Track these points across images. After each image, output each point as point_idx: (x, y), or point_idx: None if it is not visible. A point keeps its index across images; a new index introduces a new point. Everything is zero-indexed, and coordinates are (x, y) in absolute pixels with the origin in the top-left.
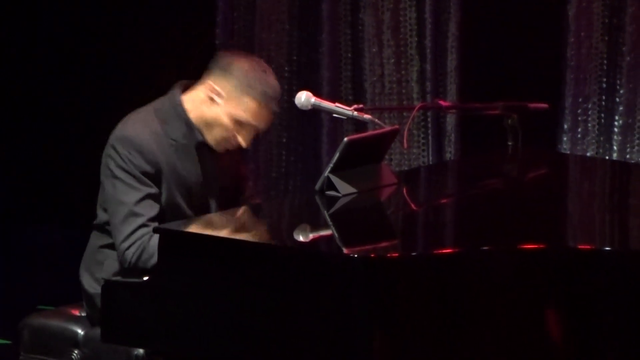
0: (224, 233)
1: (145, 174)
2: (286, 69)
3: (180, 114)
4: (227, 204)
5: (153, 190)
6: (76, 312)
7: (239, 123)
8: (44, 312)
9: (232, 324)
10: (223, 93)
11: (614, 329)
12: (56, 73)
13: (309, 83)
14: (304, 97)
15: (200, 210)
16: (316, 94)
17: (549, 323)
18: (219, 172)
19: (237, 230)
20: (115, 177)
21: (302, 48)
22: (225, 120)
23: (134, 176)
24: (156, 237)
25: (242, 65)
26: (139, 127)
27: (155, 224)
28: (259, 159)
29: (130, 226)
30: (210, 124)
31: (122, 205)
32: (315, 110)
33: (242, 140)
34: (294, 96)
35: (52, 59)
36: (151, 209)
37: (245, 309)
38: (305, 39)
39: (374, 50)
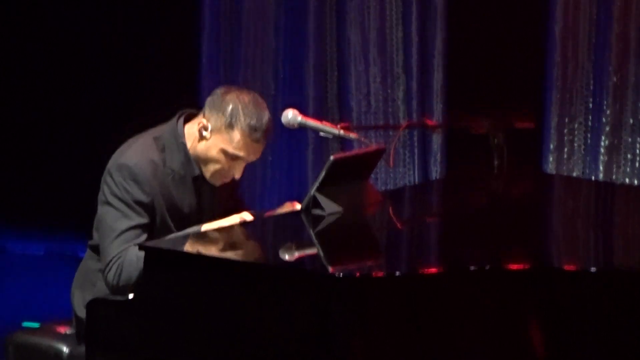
0: (209, 251)
1: (139, 203)
2: (272, 86)
3: (180, 145)
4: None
5: (144, 220)
6: (62, 330)
7: (228, 156)
8: (29, 329)
9: (215, 341)
10: (210, 126)
11: (599, 348)
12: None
13: (295, 101)
14: (290, 115)
15: None
16: (302, 112)
17: (533, 342)
18: (216, 203)
19: (222, 247)
20: (109, 203)
21: (288, 65)
22: (215, 153)
23: (127, 204)
24: (130, 252)
25: (231, 99)
26: (137, 155)
27: (132, 247)
28: (244, 177)
29: (114, 252)
30: (203, 158)
31: (111, 231)
32: (302, 128)
33: (234, 172)
34: (280, 114)
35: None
36: (138, 237)
37: (229, 326)
38: (291, 57)
39: (360, 68)
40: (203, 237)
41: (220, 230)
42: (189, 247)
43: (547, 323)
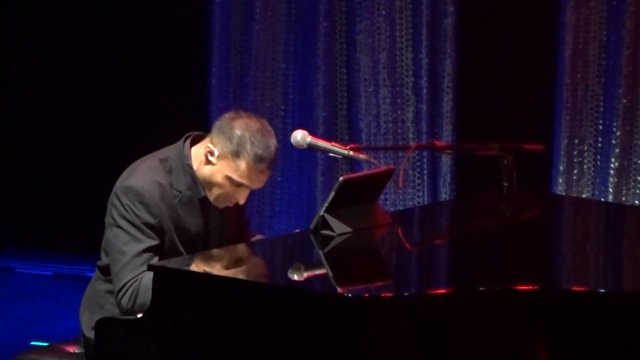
0: (218, 271)
1: (147, 225)
2: (282, 107)
3: (186, 167)
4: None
5: (154, 242)
6: (70, 349)
7: (233, 182)
8: (38, 348)
9: None
10: (217, 153)
11: None
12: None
13: (305, 122)
14: (299, 136)
15: None
16: (312, 133)
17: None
18: (224, 225)
19: (232, 268)
20: (118, 226)
21: (297, 87)
22: (220, 179)
23: (136, 227)
24: (146, 277)
25: (239, 126)
26: (144, 178)
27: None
28: (253, 197)
29: (128, 276)
30: (208, 182)
31: (122, 254)
32: (311, 149)
33: (238, 198)
34: (289, 135)
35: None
36: (150, 260)
37: (238, 346)
38: (300, 78)
39: (370, 90)
40: (211, 256)
41: (228, 250)
42: (197, 267)
43: (556, 345)
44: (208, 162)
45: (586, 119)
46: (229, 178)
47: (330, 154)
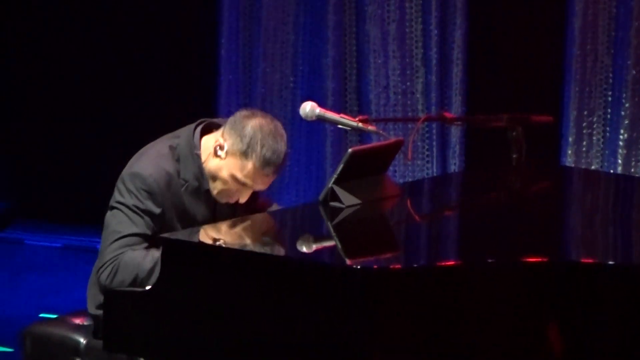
0: (226, 243)
1: (149, 214)
2: (291, 79)
3: (195, 157)
4: None
5: (149, 231)
6: (78, 321)
7: (237, 181)
8: (46, 320)
9: (233, 334)
10: (226, 148)
11: (617, 342)
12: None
13: (314, 93)
14: (308, 108)
15: None
16: (321, 104)
17: (550, 336)
18: (231, 214)
19: (240, 240)
20: (118, 209)
21: (307, 58)
22: (225, 175)
23: (135, 212)
24: (127, 255)
25: (252, 126)
26: (152, 165)
27: (131, 249)
28: None
29: (112, 253)
30: (212, 175)
31: (114, 233)
32: (320, 121)
33: (239, 196)
34: (298, 107)
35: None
36: (139, 245)
37: (247, 318)
38: (310, 50)
39: (379, 61)
40: (220, 228)
41: (237, 222)
42: (206, 239)
43: (565, 317)
44: (216, 155)
45: (595, 91)
46: (233, 176)
47: (339, 126)
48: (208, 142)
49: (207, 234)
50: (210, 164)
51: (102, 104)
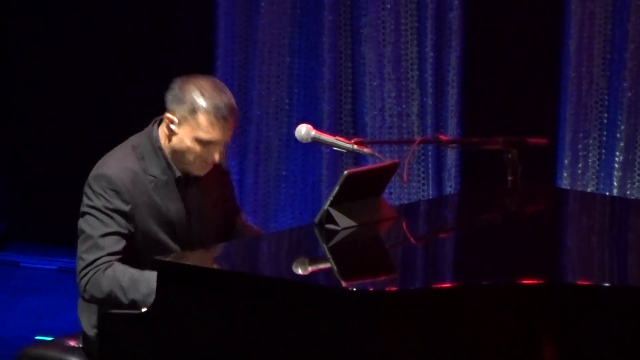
0: (222, 265)
1: (118, 212)
2: (287, 101)
3: (157, 150)
4: (217, 237)
5: (122, 229)
6: (74, 344)
7: (201, 142)
8: (42, 343)
9: (229, 356)
10: (176, 119)
11: None
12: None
13: (310, 116)
14: (304, 130)
15: (187, 244)
16: (316, 126)
17: (546, 357)
18: (204, 205)
19: (236, 262)
20: (89, 213)
21: (302, 81)
22: (189, 142)
23: (106, 214)
24: (111, 269)
25: (190, 87)
26: (116, 165)
27: (116, 259)
28: (259, 192)
29: (91, 257)
30: (178, 152)
31: (88, 238)
32: (315, 143)
33: (214, 157)
34: (294, 129)
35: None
36: (116, 244)
37: (242, 340)
38: (305, 72)
39: (374, 83)
40: (216, 250)
41: (233, 244)
42: (201, 261)
43: (561, 338)
44: (171, 132)
45: (591, 113)
46: (195, 139)
47: (335, 148)
48: (162, 129)
49: (202, 256)
50: (172, 143)
51: (97, 129)
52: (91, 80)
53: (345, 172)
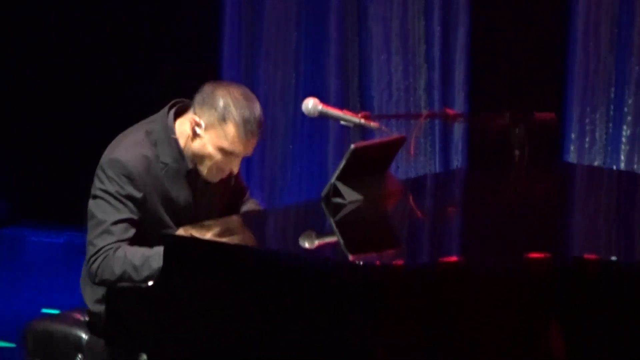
0: (228, 239)
1: (131, 198)
2: (293, 77)
3: (171, 140)
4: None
5: (134, 215)
6: (80, 317)
7: (224, 152)
8: (48, 316)
9: (235, 330)
10: (203, 124)
11: (618, 339)
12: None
13: (317, 91)
14: (311, 104)
15: None
16: (323, 101)
17: (552, 332)
18: (211, 196)
19: (242, 236)
20: (100, 197)
21: (309, 57)
22: (211, 150)
23: (118, 199)
24: (120, 250)
25: (221, 94)
26: (130, 151)
27: (125, 244)
28: (265, 166)
29: (102, 242)
30: (199, 156)
31: (100, 223)
32: (323, 118)
33: (231, 168)
34: (300, 104)
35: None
36: (126, 231)
37: (249, 314)
38: (313, 48)
39: (382, 58)
40: (222, 225)
41: (239, 218)
42: (208, 235)
43: (567, 313)
44: (196, 135)
45: (598, 88)
46: (219, 147)
47: (342, 122)
48: (183, 126)
49: (208, 230)
50: (194, 146)
51: (103, 102)
52: (93, 62)
53: (352, 146)
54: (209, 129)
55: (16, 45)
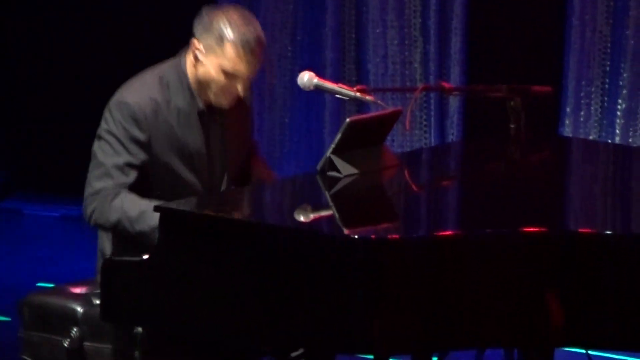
0: (225, 212)
1: (135, 141)
2: (289, 49)
3: (183, 80)
4: (238, 171)
5: (136, 160)
6: (76, 290)
7: (227, 74)
8: (44, 289)
9: (230, 303)
10: (203, 49)
11: (614, 311)
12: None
13: (313, 63)
14: (306, 78)
15: (206, 177)
16: (319, 74)
17: (549, 305)
18: (225, 140)
19: (238, 209)
20: (104, 139)
21: (306, 29)
22: (214, 73)
23: (122, 143)
24: (119, 198)
25: (220, 17)
26: (139, 93)
27: (125, 191)
28: (262, 139)
29: (100, 184)
30: (203, 82)
31: (100, 165)
32: (318, 91)
33: (238, 89)
34: (297, 77)
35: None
36: (126, 176)
37: (245, 288)
38: (309, 20)
39: (377, 31)
40: (218, 198)
41: (235, 191)
42: (204, 209)
43: (564, 287)
44: (198, 60)
45: (594, 61)
46: (221, 69)
47: (338, 96)
48: (188, 60)
49: (204, 203)
50: (198, 72)
51: (100, 74)
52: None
53: (348, 120)
54: (209, 53)
55: (12, 28)
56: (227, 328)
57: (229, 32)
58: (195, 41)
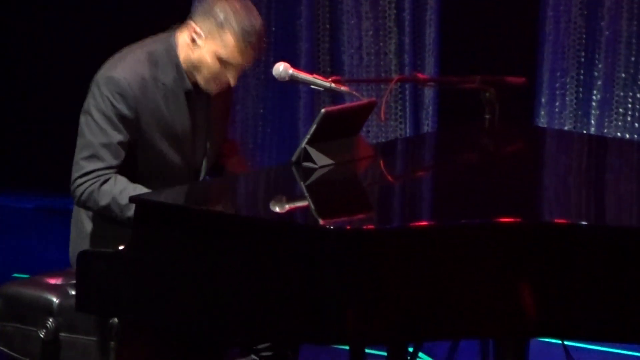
0: (199, 204)
1: (123, 118)
2: (264, 40)
3: (173, 58)
4: (214, 156)
5: (124, 137)
6: (52, 281)
7: (222, 61)
8: (19, 280)
9: (206, 295)
10: (202, 33)
11: (589, 302)
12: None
13: (287, 54)
14: (281, 68)
15: (190, 157)
16: (294, 65)
17: (523, 295)
18: (210, 120)
19: (213, 201)
20: (91, 115)
21: (280, 19)
22: (209, 59)
23: (109, 119)
24: (109, 182)
25: (221, 4)
26: (127, 69)
27: (114, 172)
28: (236, 130)
29: (89, 166)
30: (196, 65)
31: (88, 145)
32: (293, 82)
33: (229, 78)
34: (271, 67)
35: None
36: (115, 156)
37: (220, 279)
38: (283, 11)
39: (352, 22)
40: (194, 189)
41: (210, 182)
42: (180, 200)
43: (539, 277)
44: (195, 44)
45: (568, 52)
46: (217, 57)
47: (312, 87)
48: (180, 40)
49: (180, 194)
50: (192, 55)
51: (79, 67)
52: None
53: (323, 111)
54: (208, 39)
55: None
56: (201, 319)
57: (230, 20)
58: (193, 23)
